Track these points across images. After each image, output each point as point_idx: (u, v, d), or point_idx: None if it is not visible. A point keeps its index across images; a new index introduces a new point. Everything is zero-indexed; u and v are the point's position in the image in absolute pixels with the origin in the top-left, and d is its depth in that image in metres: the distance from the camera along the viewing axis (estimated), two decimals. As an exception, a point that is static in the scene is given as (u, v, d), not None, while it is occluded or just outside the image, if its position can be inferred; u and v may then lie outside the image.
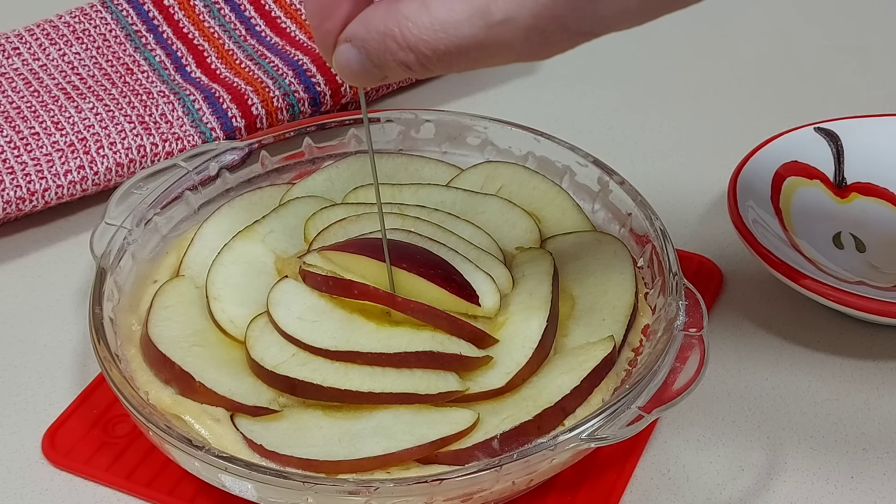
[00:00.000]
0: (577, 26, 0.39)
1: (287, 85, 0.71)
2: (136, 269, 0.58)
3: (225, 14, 0.78)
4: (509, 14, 0.39)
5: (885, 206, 0.64)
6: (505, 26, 0.39)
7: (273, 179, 0.63)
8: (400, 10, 0.41)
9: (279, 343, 0.52)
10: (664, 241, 0.55)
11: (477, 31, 0.40)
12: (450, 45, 0.40)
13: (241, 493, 0.48)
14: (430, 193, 0.60)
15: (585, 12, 0.39)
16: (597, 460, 0.53)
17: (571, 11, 0.39)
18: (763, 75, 0.79)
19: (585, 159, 0.61)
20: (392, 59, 0.41)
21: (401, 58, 0.41)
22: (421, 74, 0.42)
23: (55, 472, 0.54)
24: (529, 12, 0.39)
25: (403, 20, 0.41)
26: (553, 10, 0.39)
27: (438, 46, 0.40)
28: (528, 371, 0.51)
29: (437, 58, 0.41)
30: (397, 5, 0.41)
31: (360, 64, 0.43)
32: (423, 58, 0.41)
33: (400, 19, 0.41)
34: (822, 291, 0.56)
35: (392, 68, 0.42)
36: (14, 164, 0.66)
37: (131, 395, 0.50)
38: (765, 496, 0.52)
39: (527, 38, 0.40)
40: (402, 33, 0.41)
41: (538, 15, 0.39)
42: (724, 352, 0.58)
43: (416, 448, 0.48)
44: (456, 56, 0.41)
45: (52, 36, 0.76)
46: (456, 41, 0.40)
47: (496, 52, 0.40)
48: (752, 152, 0.64)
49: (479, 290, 0.53)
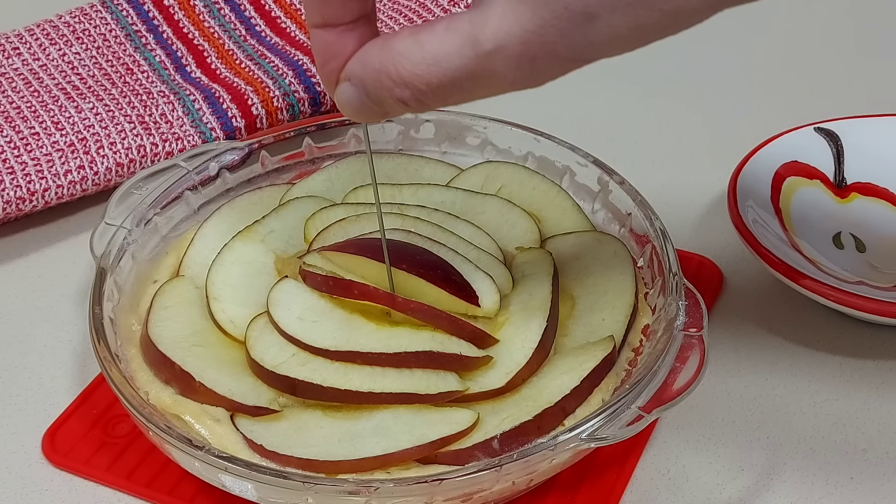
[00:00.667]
0: (567, 53, 0.39)
1: (287, 85, 0.71)
2: (136, 269, 0.58)
3: (225, 14, 0.78)
4: (498, 43, 0.39)
5: (885, 206, 0.64)
6: (495, 56, 0.39)
7: (273, 179, 0.63)
8: (394, 47, 0.41)
9: (279, 343, 0.52)
10: (664, 241, 0.55)
11: (468, 62, 0.40)
12: (443, 77, 0.40)
13: (241, 493, 0.48)
14: (430, 193, 0.60)
15: (575, 39, 0.39)
16: (597, 460, 0.53)
17: (561, 38, 0.39)
18: (763, 75, 0.79)
19: (585, 159, 0.61)
20: (388, 95, 0.42)
21: (397, 94, 0.41)
22: (419, 109, 0.42)
23: (55, 472, 0.54)
24: (518, 40, 0.39)
25: (397, 56, 0.41)
26: (542, 38, 0.39)
27: (432, 80, 0.40)
28: (528, 371, 0.51)
29: (432, 91, 0.41)
30: (391, 42, 0.41)
31: (360, 101, 0.43)
32: (419, 92, 0.41)
33: (394, 55, 0.41)
34: (822, 291, 0.56)
35: (390, 105, 0.42)
36: (14, 164, 0.66)
37: (131, 395, 0.50)
38: (765, 496, 0.52)
39: (518, 67, 0.40)
40: (396, 70, 0.41)
41: (527, 42, 0.39)
42: (724, 352, 0.58)
43: (416, 448, 0.48)
44: (450, 89, 0.41)
45: (52, 36, 0.76)
46: (448, 73, 0.40)
47: (488, 82, 0.40)
48: (752, 152, 0.64)
49: (478, 290, 0.53)
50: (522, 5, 0.39)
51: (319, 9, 0.43)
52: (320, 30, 0.43)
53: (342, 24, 0.42)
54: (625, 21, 0.38)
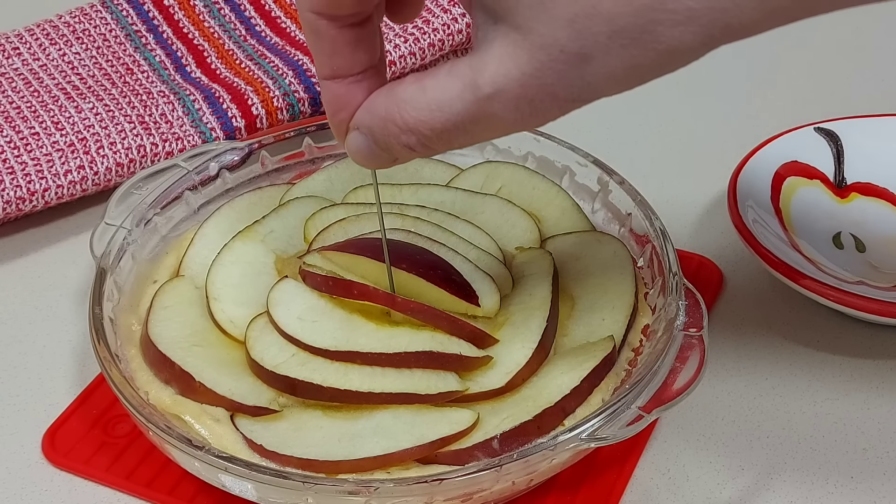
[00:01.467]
0: (565, 94, 0.40)
1: (287, 85, 0.71)
2: (135, 270, 0.58)
3: (225, 14, 0.78)
4: (497, 87, 0.40)
5: (885, 206, 0.64)
6: (494, 99, 0.40)
7: (273, 179, 0.63)
8: (398, 94, 0.42)
9: (279, 343, 0.52)
10: (664, 241, 0.55)
11: (469, 106, 0.40)
12: (446, 122, 0.41)
13: (241, 493, 0.48)
14: (430, 193, 0.60)
15: (572, 80, 0.39)
16: (597, 460, 0.53)
17: (558, 80, 0.39)
18: (763, 75, 0.79)
19: (585, 159, 0.61)
20: (396, 142, 0.43)
21: (403, 140, 0.42)
22: (425, 154, 0.43)
23: (55, 472, 0.54)
24: (517, 83, 0.39)
25: (402, 103, 0.42)
26: (540, 80, 0.39)
27: (435, 125, 0.41)
28: (528, 371, 0.51)
29: (437, 136, 0.42)
30: (396, 89, 0.42)
31: (369, 149, 0.44)
32: (424, 137, 0.42)
33: (399, 102, 0.42)
34: (822, 291, 0.56)
35: (398, 150, 0.43)
36: (14, 164, 0.66)
37: (131, 395, 0.50)
38: (765, 495, 0.52)
39: (517, 109, 0.40)
40: (401, 116, 0.42)
41: (526, 85, 0.39)
42: (724, 352, 0.58)
43: (416, 448, 0.48)
44: (454, 133, 0.41)
45: (52, 36, 0.76)
46: (451, 118, 0.41)
47: (489, 124, 0.41)
48: (752, 152, 0.64)
49: (478, 290, 0.53)
50: (519, 49, 0.39)
51: (329, 61, 0.43)
52: (330, 81, 0.44)
53: (351, 75, 0.43)
54: (620, 62, 0.39)
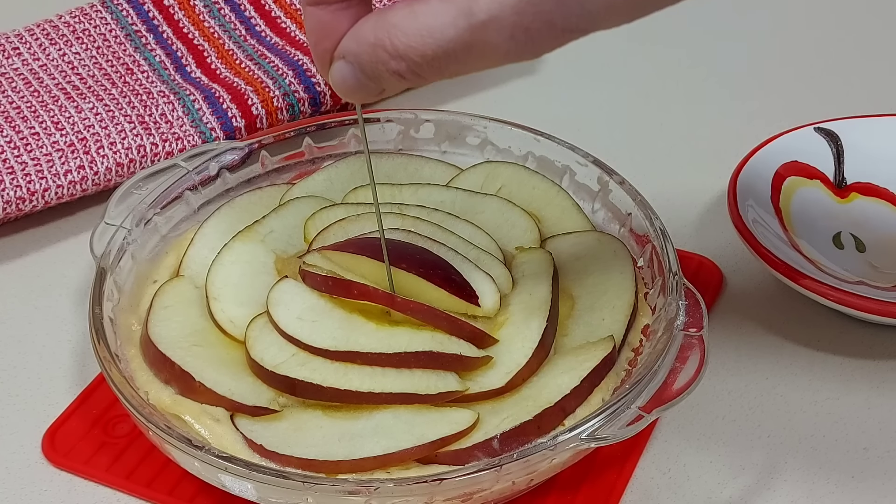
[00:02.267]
0: (562, 23, 0.39)
1: (287, 85, 0.71)
2: (135, 269, 0.58)
3: (225, 14, 0.78)
4: (492, 13, 0.39)
5: (885, 206, 0.64)
6: (489, 26, 0.39)
7: (273, 179, 0.63)
8: (388, 19, 0.41)
9: (279, 343, 0.52)
10: (664, 240, 0.55)
11: (462, 33, 0.39)
12: (437, 49, 0.40)
13: (241, 493, 0.48)
14: (430, 193, 0.60)
15: (571, 8, 0.38)
16: (597, 460, 0.53)
17: (556, 7, 0.38)
18: (763, 75, 0.79)
19: (585, 159, 0.61)
20: (384, 69, 0.41)
21: (392, 67, 0.41)
22: (415, 83, 0.42)
23: (55, 472, 0.54)
24: (512, 10, 0.38)
25: (392, 28, 0.40)
26: (537, 7, 0.38)
27: (427, 51, 0.40)
28: (528, 371, 0.51)
29: (427, 63, 0.40)
30: (386, 14, 0.41)
31: (355, 79, 0.42)
32: (414, 64, 0.41)
33: (389, 28, 0.41)
34: (822, 291, 0.56)
35: (386, 79, 0.42)
36: (14, 164, 0.66)
37: (131, 395, 0.50)
38: (765, 495, 0.52)
39: (512, 37, 0.39)
40: (391, 42, 0.41)
41: (522, 12, 0.38)
42: (724, 352, 0.58)
43: (416, 448, 0.48)
44: (445, 60, 0.40)
45: (52, 36, 0.76)
46: (443, 44, 0.40)
47: (483, 53, 0.40)
48: (752, 152, 0.64)
49: (478, 290, 0.53)
50: None
51: None
52: (315, 7, 0.42)
53: (337, 1, 0.42)
54: None
